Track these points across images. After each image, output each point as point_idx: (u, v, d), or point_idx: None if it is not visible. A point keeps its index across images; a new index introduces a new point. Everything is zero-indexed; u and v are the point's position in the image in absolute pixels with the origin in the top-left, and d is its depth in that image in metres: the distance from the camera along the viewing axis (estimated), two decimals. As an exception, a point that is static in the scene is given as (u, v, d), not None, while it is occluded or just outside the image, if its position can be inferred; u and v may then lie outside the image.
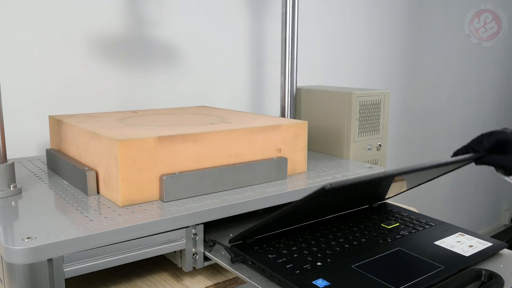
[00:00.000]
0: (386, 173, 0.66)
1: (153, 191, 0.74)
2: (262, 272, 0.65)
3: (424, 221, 0.83)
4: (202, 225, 0.71)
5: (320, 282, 0.61)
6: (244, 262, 0.68)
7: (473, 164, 0.83)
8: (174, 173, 0.75)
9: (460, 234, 0.78)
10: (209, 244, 0.72)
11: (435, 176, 0.86)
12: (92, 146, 0.79)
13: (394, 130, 2.07)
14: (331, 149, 1.15)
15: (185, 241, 0.69)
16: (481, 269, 0.67)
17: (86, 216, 0.67)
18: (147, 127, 0.84)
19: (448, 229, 0.80)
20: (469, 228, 0.80)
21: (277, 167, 0.88)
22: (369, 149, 1.15)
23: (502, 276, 0.66)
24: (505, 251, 0.74)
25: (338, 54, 1.78)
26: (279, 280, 0.62)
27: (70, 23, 1.14)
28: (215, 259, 0.70)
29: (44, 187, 0.82)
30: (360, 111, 1.11)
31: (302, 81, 1.51)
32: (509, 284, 0.65)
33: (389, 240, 0.75)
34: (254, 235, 0.72)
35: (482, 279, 0.67)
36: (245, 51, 1.49)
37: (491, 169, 0.84)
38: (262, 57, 1.53)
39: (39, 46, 1.11)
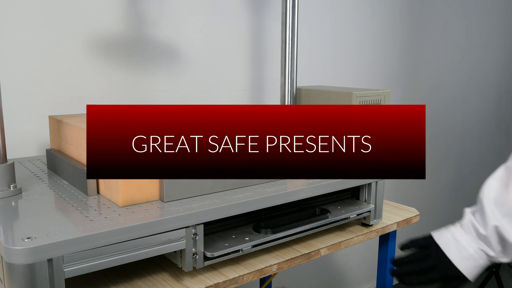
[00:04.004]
0: None
1: (153, 191, 0.74)
2: None
3: None
4: (202, 225, 0.71)
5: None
6: None
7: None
8: (174, 173, 0.75)
9: None
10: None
11: None
12: (92, 146, 0.79)
13: (394, 130, 2.07)
14: (331, 149, 1.15)
15: (185, 241, 0.69)
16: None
17: (86, 216, 0.67)
18: (147, 127, 0.84)
19: None
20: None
21: (277, 167, 0.87)
22: (369, 149, 1.15)
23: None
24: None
25: (338, 54, 1.78)
26: None
27: (70, 23, 1.14)
28: (215, 259, 0.70)
29: (44, 187, 0.82)
30: (360, 111, 1.11)
31: (302, 81, 1.51)
32: None
33: None
34: None
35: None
36: (245, 51, 1.49)
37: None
38: (262, 57, 1.53)
39: (39, 46, 1.11)
